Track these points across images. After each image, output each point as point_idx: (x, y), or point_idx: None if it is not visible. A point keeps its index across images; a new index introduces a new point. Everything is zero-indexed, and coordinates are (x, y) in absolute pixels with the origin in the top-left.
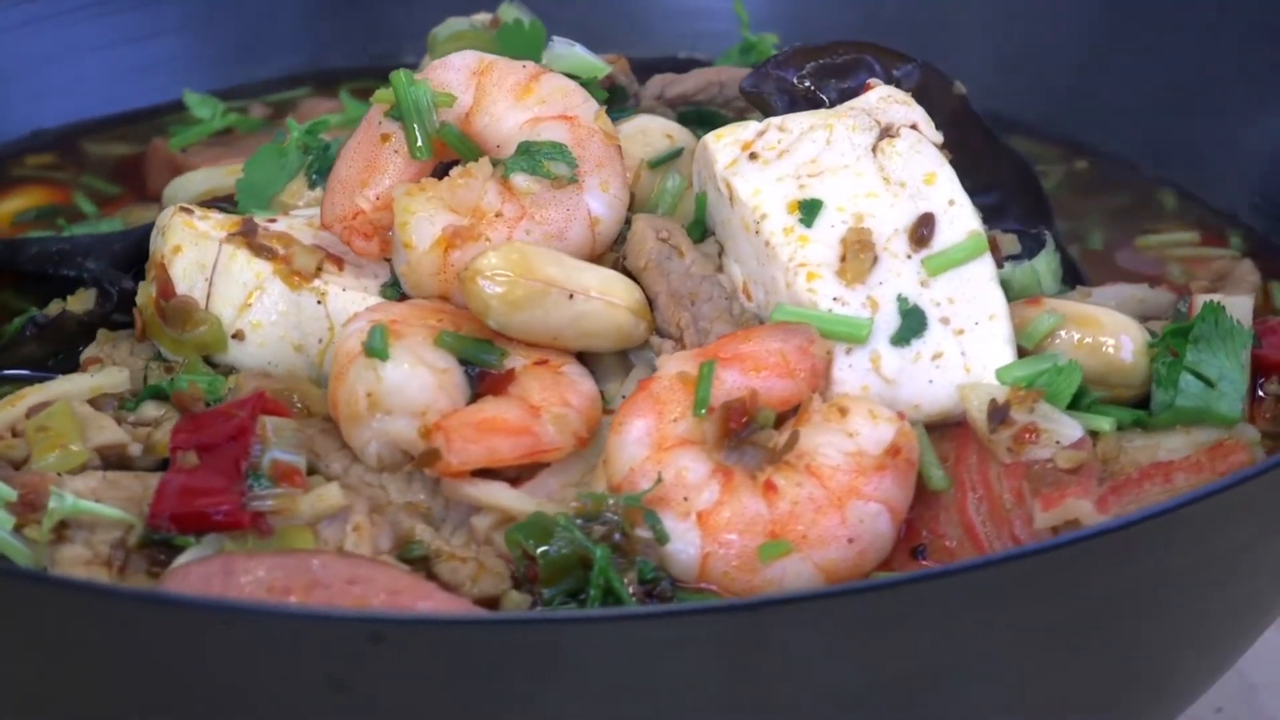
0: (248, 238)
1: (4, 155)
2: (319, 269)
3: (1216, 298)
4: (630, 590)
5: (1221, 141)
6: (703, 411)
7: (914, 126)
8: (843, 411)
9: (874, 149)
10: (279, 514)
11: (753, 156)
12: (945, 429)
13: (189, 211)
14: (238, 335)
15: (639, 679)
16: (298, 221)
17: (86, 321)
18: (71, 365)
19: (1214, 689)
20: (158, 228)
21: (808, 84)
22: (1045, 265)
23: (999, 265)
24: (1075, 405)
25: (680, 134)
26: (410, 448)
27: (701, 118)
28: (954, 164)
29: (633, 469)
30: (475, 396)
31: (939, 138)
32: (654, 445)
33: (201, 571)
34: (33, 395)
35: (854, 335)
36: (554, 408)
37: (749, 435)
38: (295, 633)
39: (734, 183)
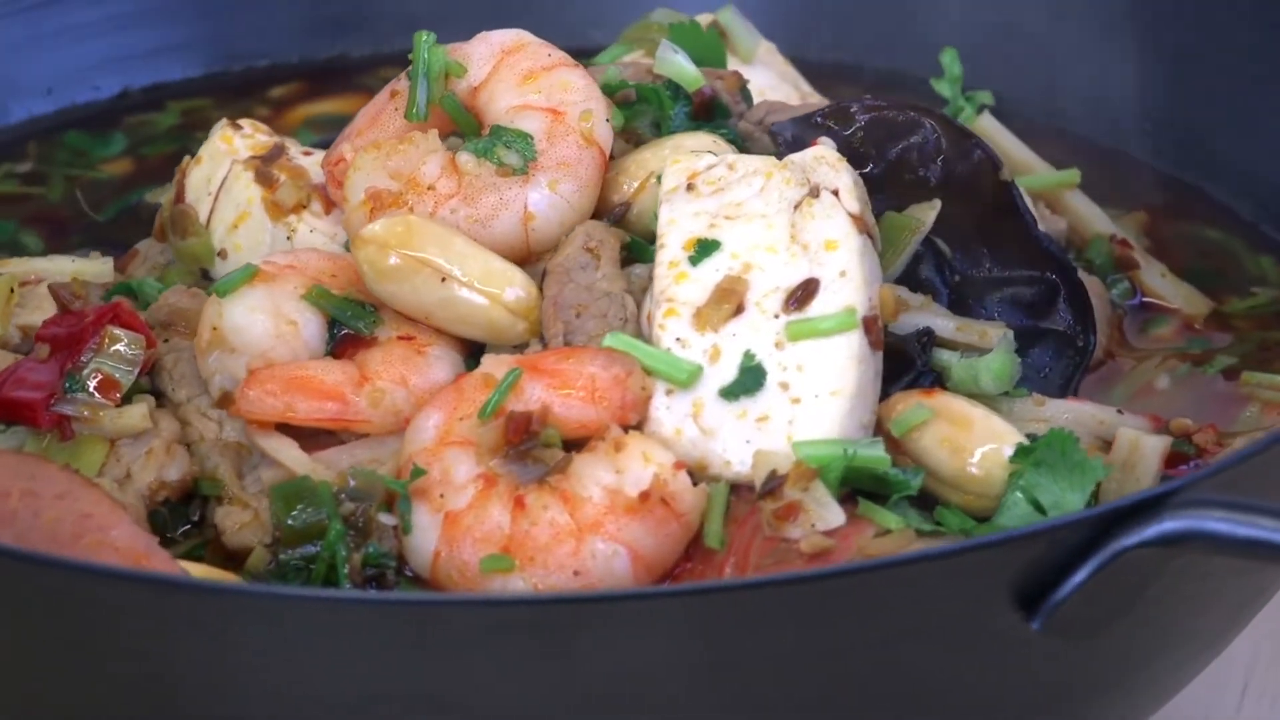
0: (264, 162)
1: (366, 63)
2: (300, 205)
3: (1134, 432)
4: (346, 570)
5: None
6: (486, 415)
7: (835, 192)
8: (618, 447)
9: (797, 205)
10: (83, 422)
11: (690, 188)
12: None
13: (237, 127)
14: (222, 254)
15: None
16: None
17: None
18: None
19: None
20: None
21: (861, 135)
22: (986, 365)
23: (879, 349)
24: (882, 499)
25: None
26: None
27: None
28: (987, 249)
29: (412, 455)
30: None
31: (856, 208)
32: (438, 438)
33: None
34: (13, 266)
35: (674, 377)
36: (381, 382)
37: (528, 449)
38: None
39: (661, 208)
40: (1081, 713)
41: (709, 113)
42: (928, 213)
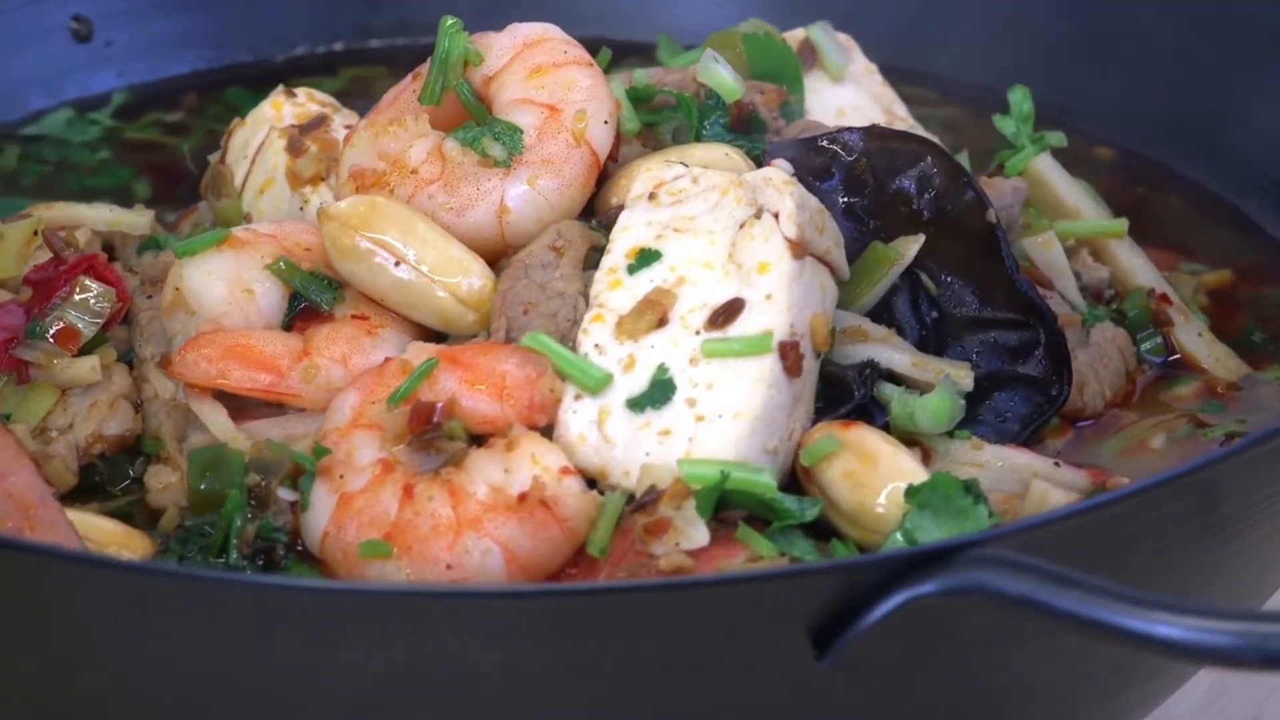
0: (301, 131)
1: None
2: (318, 177)
3: (1045, 485)
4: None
5: None
6: (395, 401)
7: (776, 215)
8: (510, 446)
9: (742, 225)
10: (37, 368)
11: (652, 196)
12: None
13: (290, 94)
14: (248, 217)
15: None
16: None
17: None
18: None
19: None
20: None
21: (864, 163)
22: (924, 404)
23: (796, 375)
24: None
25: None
26: None
27: None
28: (975, 290)
29: (326, 434)
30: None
31: (794, 232)
32: (351, 419)
33: None
34: (56, 211)
35: (583, 382)
36: (320, 358)
37: (430, 439)
38: None
39: (621, 214)
40: None
41: (746, 125)
42: (910, 246)
